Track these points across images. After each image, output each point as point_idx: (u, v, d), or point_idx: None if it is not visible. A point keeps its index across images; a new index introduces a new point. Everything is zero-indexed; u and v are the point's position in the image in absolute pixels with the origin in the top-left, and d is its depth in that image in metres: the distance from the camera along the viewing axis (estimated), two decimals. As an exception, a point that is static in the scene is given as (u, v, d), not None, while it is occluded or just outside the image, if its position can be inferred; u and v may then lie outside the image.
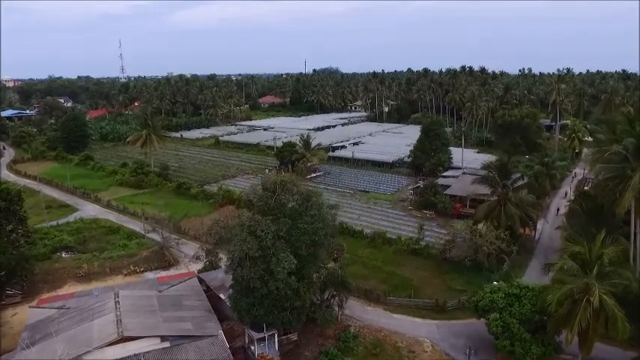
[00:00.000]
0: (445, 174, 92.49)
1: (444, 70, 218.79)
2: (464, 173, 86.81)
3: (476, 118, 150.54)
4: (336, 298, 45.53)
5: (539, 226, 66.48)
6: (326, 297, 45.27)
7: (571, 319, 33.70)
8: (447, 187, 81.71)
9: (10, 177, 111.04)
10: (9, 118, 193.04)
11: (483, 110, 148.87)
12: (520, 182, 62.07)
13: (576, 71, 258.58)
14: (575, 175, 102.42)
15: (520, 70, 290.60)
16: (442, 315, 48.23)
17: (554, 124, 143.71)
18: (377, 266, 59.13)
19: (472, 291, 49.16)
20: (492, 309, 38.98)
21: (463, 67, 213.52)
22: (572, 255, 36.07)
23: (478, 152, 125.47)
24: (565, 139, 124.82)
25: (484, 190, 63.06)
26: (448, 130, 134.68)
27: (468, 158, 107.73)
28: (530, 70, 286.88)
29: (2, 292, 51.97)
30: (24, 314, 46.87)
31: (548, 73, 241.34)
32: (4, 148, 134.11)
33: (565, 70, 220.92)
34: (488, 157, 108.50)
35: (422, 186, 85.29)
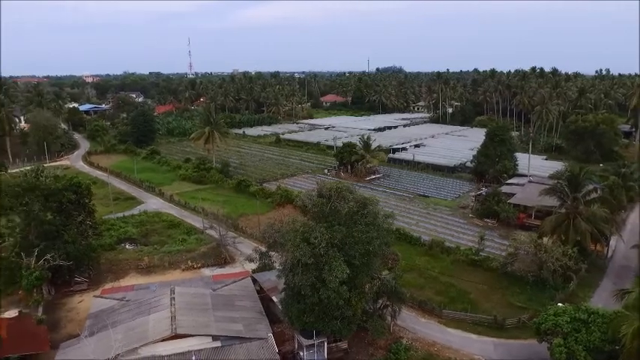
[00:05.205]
0: (510, 181, 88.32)
1: (512, 71, 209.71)
2: (530, 181, 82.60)
3: (545, 122, 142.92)
4: (389, 309, 44.42)
5: (612, 242, 61.89)
6: (379, 306, 44.28)
7: (647, 353, 30.82)
8: (511, 195, 77.94)
9: (85, 168, 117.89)
10: (86, 112, 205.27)
11: (554, 114, 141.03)
12: (593, 195, 57.93)
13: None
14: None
15: (597, 72, 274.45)
16: (500, 333, 45.81)
17: (634, 130, 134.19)
18: (433, 276, 57.28)
19: (534, 309, 46.76)
20: (556, 333, 36.39)
21: (533, 69, 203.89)
22: (650, 282, 33.00)
23: (546, 159, 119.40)
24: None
25: (552, 201, 59.55)
26: (515, 134, 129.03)
27: (534, 165, 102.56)
28: (608, 71, 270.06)
29: (71, 280, 55.00)
30: (89, 302, 49.29)
31: (629, 75, 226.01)
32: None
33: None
34: (558, 165, 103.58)
35: (484, 193, 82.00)
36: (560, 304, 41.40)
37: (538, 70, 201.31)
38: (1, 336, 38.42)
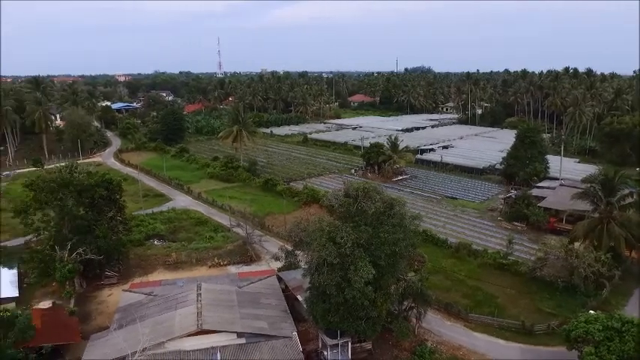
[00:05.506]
0: (540, 184, 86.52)
1: (544, 72, 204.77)
2: (561, 185, 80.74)
3: (578, 124, 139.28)
4: (414, 310, 44.04)
5: (648, 249, 59.76)
6: (404, 308, 43.97)
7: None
8: (542, 198, 76.31)
9: (116, 165, 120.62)
10: (118, 110, 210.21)
11: (588, 116, 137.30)
12: (628, 200, 56.15)
13: None
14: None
15: (635, 72, 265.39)
16: (528, 339, 44.85)
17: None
18: (459, 279, 56.53)
19: (564, 316, 45.69)
20: (587, 341, 35.33)
21: (567, 69, 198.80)
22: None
23: (579, 162, 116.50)
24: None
25: (584, 205, 58.01)
26: (546, 136, 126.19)
27: (566, 168, 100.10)
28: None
29: (102, 274, 56.46)
30: (118, 295, 50.46)
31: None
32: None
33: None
34: (591, 168, 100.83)
35: (514, 196, 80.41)
36: (591, 312, 40.24)
37: (572, 71, 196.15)
38: (35, 325, 39.58)
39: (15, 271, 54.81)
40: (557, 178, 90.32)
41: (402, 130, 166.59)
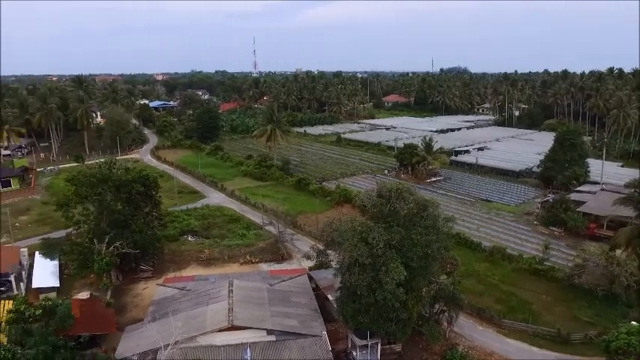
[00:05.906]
0: (580, 189, 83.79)
1: (586, 72, 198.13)
2: (602, 190, 77.99)
3: (622, 127, 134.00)
4: (446, 314, 43.42)
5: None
6: (435, 311, 43.41)
7: None
8: (581, 203, 73.89)
9: (152, 162, 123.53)
10: (155, 108, 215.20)
11: (633, 118, 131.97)
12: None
13: None
14: None
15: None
16: (564, 348, 43.49)
17: None
18: (493, 283, 55.38)
19: (603, 326, 44.12)
20: (628, 353, 33.98)
21: (611, 69, 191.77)
22: None
23: (622, 166, 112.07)
24: None
25: (627, 211, 55.85)
26: (587, 139, 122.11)
27: (608, 172, 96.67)
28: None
29: (137, 267, 57.91)
30: (152, 289, 51.70)
31: None
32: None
33: None
34: (635, 173, 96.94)
35: (551, 200, 78.23)
36: (634, 323, 38.68)
37: (616, 71, 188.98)
38: (74, 315, 40.88)
39: (56, 262, 56.90)
40: (597, 183, 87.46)
41: (436, 131, 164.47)
